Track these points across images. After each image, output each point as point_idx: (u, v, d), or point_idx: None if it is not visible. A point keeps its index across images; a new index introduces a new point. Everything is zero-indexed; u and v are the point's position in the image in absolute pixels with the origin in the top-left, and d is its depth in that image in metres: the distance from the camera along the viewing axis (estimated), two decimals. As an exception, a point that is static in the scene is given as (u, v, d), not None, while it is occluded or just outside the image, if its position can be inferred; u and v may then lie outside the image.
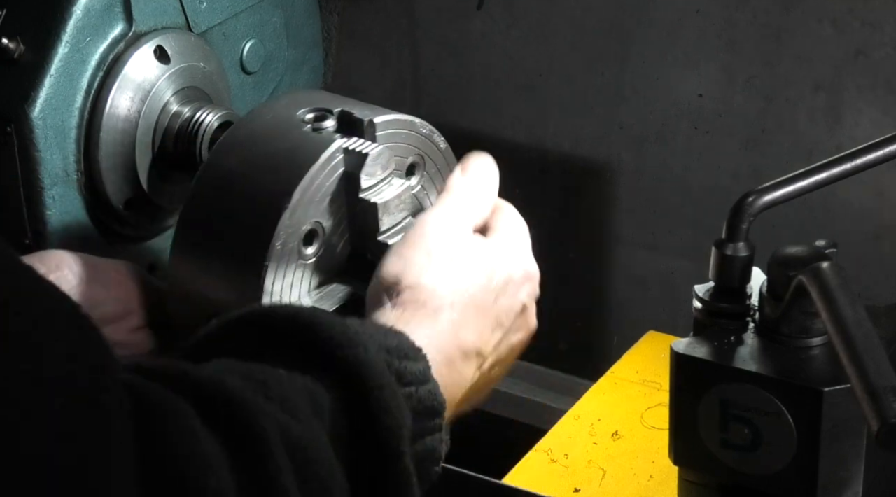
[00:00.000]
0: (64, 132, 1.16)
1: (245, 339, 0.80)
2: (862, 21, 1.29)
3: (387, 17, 1.13)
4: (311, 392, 0.76)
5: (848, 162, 0.94)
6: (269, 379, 0.75)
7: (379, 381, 0.78)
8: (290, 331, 0.79)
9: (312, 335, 0.79)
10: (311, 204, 0.99)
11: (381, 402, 0.78)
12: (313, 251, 1.01)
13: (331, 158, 0.99)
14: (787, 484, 0.91)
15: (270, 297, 0.99)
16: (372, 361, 0.78)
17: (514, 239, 1.01)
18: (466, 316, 0.91)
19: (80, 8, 1.16)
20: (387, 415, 0.78)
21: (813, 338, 0.91)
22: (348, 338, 0.78)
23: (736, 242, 0.93)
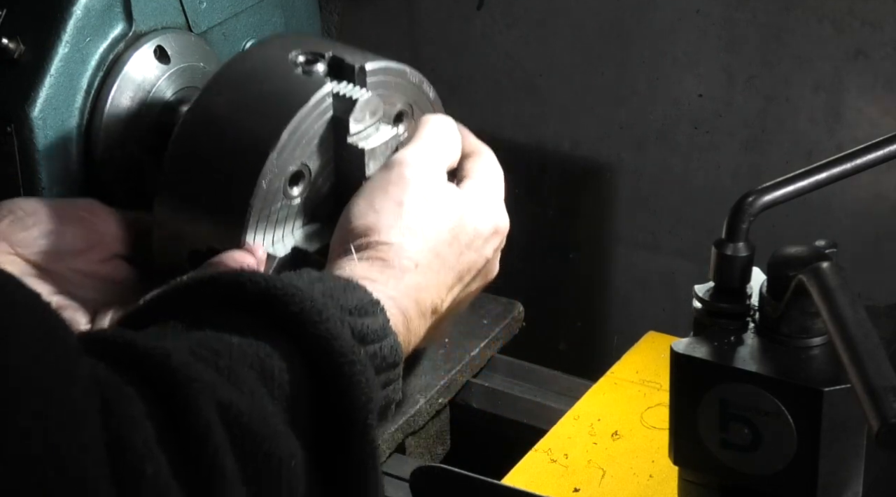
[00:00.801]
0: (64, 132, 1.16)
1: (208, 300, 0.80)
2: (862, 21, 1.29)
3: (387, 17, 1.13)
4: (263, 361, 0.76)
5: (848, 162, 0.94)
6: (222, 349, 0.75)
7: (349, 356, 0.79)
8: (258, 299, 0.79)
9: (281, 307, 0.79)
10: (298, 146, 1.00)
11: (351, 377, 0.78)
12: (299, 192, 1.02)
13: (320, 102, 1.00)
14: (787, 484, 0.91)
15: (254, 235, 1.00)
16: (340, 335, 0.79)
17: (486, 190, 1.01)
18: (429, 277, 0.93)
19: (80, 8, 1.16)
20: (356, 389, 0.78)
21: (813, 338, 0.91)
22: (317, 311, 0.79)
23: (736, 242, 0.93)
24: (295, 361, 0.77)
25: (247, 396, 0.74)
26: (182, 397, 0.70)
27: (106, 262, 1.08)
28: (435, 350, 1.34)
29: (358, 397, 0.78)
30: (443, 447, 1.34)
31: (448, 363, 1.32)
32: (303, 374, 0.77)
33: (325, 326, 0.78)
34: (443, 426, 1.33)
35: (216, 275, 0.82)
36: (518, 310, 1.40)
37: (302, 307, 0.79)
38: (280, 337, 0.78)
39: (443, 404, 1.31)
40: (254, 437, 0.72)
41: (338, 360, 0.78)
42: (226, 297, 0.80)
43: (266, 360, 0.76)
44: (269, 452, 0.73)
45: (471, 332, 1.36)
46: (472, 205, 0.98)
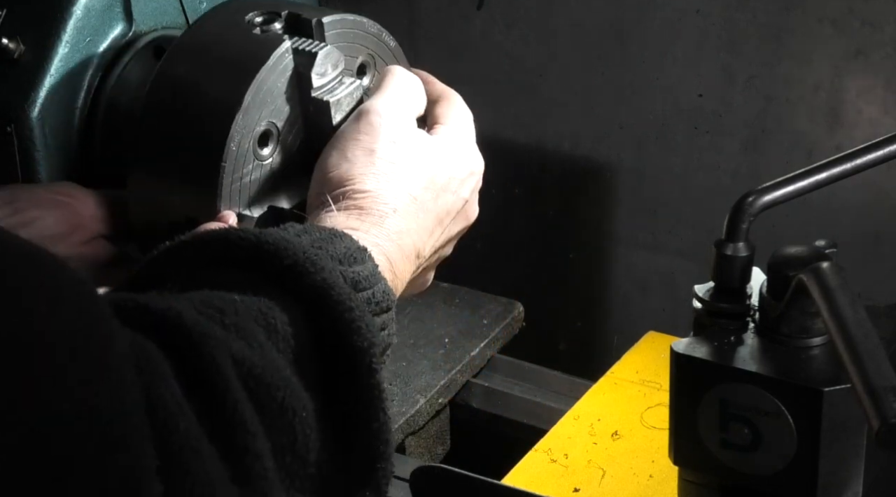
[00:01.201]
0: (64, 132, 1.16)
1: (197, 260, 0.81)
2: (862, 21, 1.29)
3: (387, 17, 1.13)
4: (265, 315, 0.77)
5: (848, 162, 0.94)
6: (225, 306, 0.76)
7: (347, 303, 0.79)
8: (249, 255, 0.80)
9: (274, 261, 0.79)
10: (263, 105, 1.01)
11: (351, 323, 0.79)
12: (269, 151, 1.03)
13: (280, 59, 1.01)
14: (787, 484, 0.91)
15: (229, 200, 1.00)
16: (335, 284, 0.79)
17: (457, 132, 1.02)
18: (408, 221, 0.94)
19: (80, 8, 1.16)
20: (357, 336, 0.79)
21: (813, 338, 0.91)
22: (311, 262, 0.79)
23: (736, 242, 0.93)
24: (295, 313, 0.78)
25: (257, 350, 0.75)
26: (199, 354, 0.71)
27: (88, 243, 1.09)
28: (435, 350, 1.34)
29: (360, 343, 0.79)
30: (443, 447, 1.34)
31: (448, 363, 1.32)
32: (303, 325, 0.78)
33: (320, 276, 0.79)
34: (443, 426, 1.33)
35: (203, 234, 0.82)
36: (518, 310, 1.40)
37: (295, 259, 0.79)
38: (276, 290, 0.79)
39: (443, 404, 1.31)
40: (268, 389, 0.73)
41: (337, 309, 0.79)
42: (216, 256, 0.81)
43: (268, 313, 0.77)
44: (283, 404, 0.74)
45: (471, 332, 1.36)
46: (444, 148, 0.99)
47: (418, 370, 1.31)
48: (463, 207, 1.00)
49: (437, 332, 1.37)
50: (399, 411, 1.25)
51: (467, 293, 1.42)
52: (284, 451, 0.74)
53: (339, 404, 0.78)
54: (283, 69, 1.01)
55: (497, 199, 1.54)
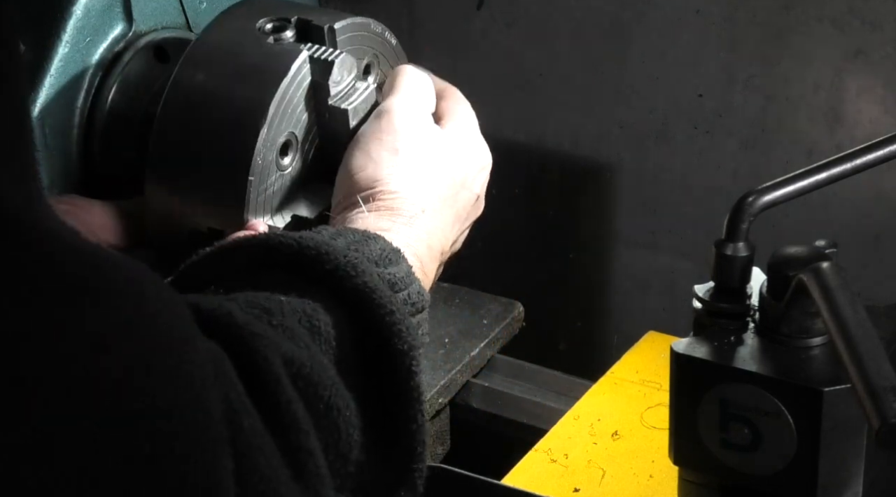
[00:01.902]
0: (64, 132, 1.16)
1: (238, 265, 0.82)
2: (862, 21, 1.29)
3: (387, 17, 1.13)
4: (309, 317, 0.78)
5: (848, 162, 0.94)
6: (272, 307, 0.77)
7: (388, 307, 0.80)
8: (290, 259, 0.81)
9: (316, 265, 0.80)
10: (284, 116, 1.01)
11: (392, 327, 0.80)
12: (289, 161, 1.03)
13: (299, 70, 1.01)
14: (787, 484, 0.91)
15: (255, 212, 1.01)
16: (377, 287, 0.80)
17: (466, 127, 1.04)
18: (435, 220, 0.96)
19: (80, 8, 1.16)
20: (398, 339, 0.80)
21: (813, 338, 0.91)
22: (352, 266, 0.80)
23: (736, 242, 0.93)
24: (337, 315, 0.79)
25: (304, 350, 0.75)
26: (251, 353, 0.71)
27: None
28: (435, 350, 1.34)
29: (401, 346, 0.80)
30: (443, 447, 1.33)
31: (448, 363, 1.32)
32: (346, 327, 0.79)
33: (361, 280, 0.80)
34: (443, 426, 1.33)
35: (243, 240, 0.83)
36: (518, 310, 1.40)
37: (336, 264, 0.80)
38: (319, 293, 0.79)
39: (443, 404, 1.30)
40: (316, 389, 0.74)
41: (378, 312, 0.80)
42: (257, 260, 0.81)
43: (312, 315, 0.78)
44: (329, 403, 0.75)
45: (471, 332, 1.36)
46: (458, 143, 1.00)
47: (418, 370, 1.31)
48: (476, 202, 1.02)
49: (437, 332, 1.37)
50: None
51: (467, 293, 1.42)
52: (329, 450, 0.74)
53: (378, 405, 0.79)
54: (301, 79, 1.02)
55: (497, 199, 1.54)
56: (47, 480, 0.53)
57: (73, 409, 0.55)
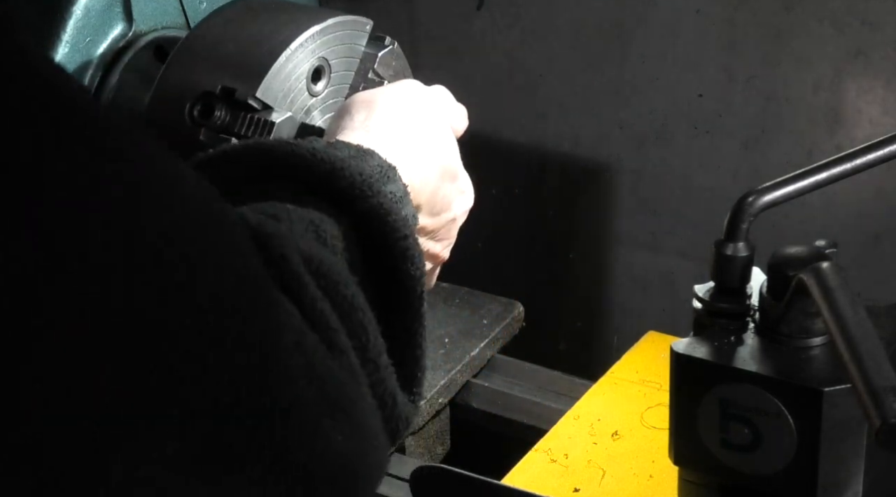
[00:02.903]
0: (64, 132, 1.16)
1: (244, 169, 0.80)
2: (862, 21, 1.29)
3: (387, 17, 1.13)
4: (316, 226, 0.76)
5: (848, 162, 0.94)
6: (279, 212, 0.75)
7: (403, 231, 0.79)
8: (301, 170, 0.79)
9: (331, 181, 0.79)
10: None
11: (406, 251, 0.79)
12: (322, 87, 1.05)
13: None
14: (787, 484, 0.91)
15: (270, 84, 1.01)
16: (392, 209, 0.79)
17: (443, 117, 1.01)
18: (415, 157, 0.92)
19: (80, 8, 1.16)
20: (412, 264, 0.79)
21: (813, 338, 0.91)
22: (368, 185, 0.79)
23: (736, 242, 0.93)
24: (346, 229, 0.78)
25: (319, 248, 0.74)
26: (269, 250, 0.70)
27: None
28: (435, 350, 1.34)
29: (414, 271, 0.79)
30: (443, 447, 1.34)
31: (448, 363, 1.32)
32: (354, 243, 0.78)
33: (377, 200, 0.79)
34: (443, 426, 1.33)
35: (251, 144, 0.81)
36: (518, 310, 1.40)
37: (352, 181, 0.79)
38: (327, 206, 0.78)
39: (443, 404, 1.31)
40: (336, 286, 0.72)
41: (393, 236, 0.78)
42: (263, 167, 0.80)
43: (319, 225, 0.76)
44: (353, 302, 0.73)
45: (471, 332, 1.36)
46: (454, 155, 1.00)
47: (418, 370, 1.31)
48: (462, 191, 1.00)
49: (437, 332, 1.37)
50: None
51: (467, 293, 1.42)
52: (359, 352, 0.73)
53: (387, 325, 0.77)
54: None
55: (497, 199, 1.54)
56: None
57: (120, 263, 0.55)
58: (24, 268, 0.51)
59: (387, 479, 1.21)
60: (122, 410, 0.54)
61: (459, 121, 1.03)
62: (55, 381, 0.52)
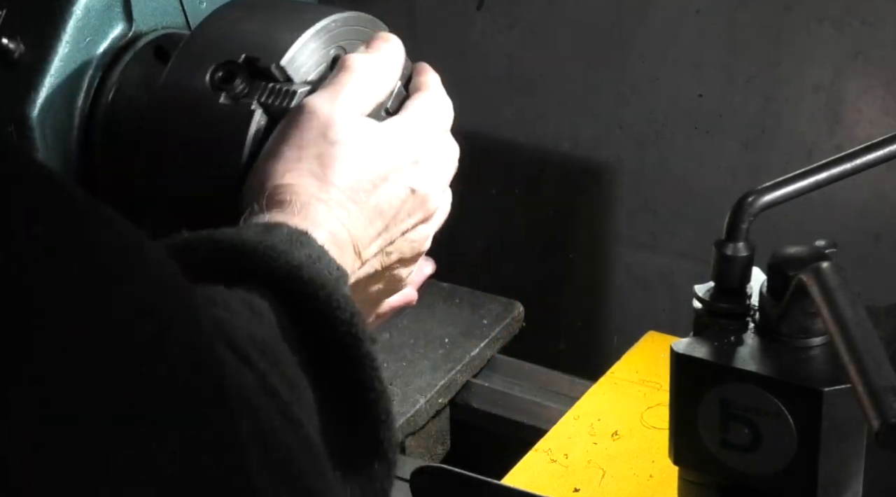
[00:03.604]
0: (64, 132, 1.16)
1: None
2: (862, 21, 1.29)
3: (387, 18, 1.12)
4: (248, 302, 0.76)
5: (848, 162, 0.94)
6: (214, 295, 0.75)
7: (319, 280, 0.78)
8: (209, 257, 0.79)
9: (238, 259, 0.79)
10: None
11: (329, 299, 0.78)
12: None
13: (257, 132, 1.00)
14: (787, 484, 0.91)
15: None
16: (303, 264, 0.79)
17: (409, 122, 0.97)
18: (339, 211, 0.90)
19: (80, 8, 1.16)
20: (339, 310, 0.78)
21: (813, 338, 0.91)
22: (271, 247, 0.79)
23: (736, 242, 0.93)
24: (271, 299, 0.77)
25: (258, 329, 0.74)
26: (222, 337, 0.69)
27: None
28: (435, 350, 1.34)
29: (342, 316, 0.78)
30: (443, 447, 1.34)
31: (448, 363, 1.32)
32: (282, 309, 0.77)
33: (283, 260, 0.79)
34: (443, 426, 1.33)
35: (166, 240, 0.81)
36: (518, 310, 1.40)
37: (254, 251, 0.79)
38: (246, 283, 0.78)
39: (443, 404, 1.31)
40: (279, 366, 0.72)
41: (312, 285, 0.78)
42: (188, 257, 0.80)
43: (250, 300, 0.76)
44: (291, 379, 0.73)
45: (471, 332, 1.36)
46: (386, 138, 0.95)
47: (418, 370, 1.31)
48: (412, 198, 0.95)
49: (437, 332, 1.37)
50: (399, 411, 1.25)
51: (467, 293, 1.42)
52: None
53: (331, 380, 0.77)
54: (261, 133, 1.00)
55: (497, 199, 1.54)
56: None
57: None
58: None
59: (387, 479, 1.21)
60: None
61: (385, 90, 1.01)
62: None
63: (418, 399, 1.27)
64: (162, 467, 0.55)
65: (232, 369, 0.65)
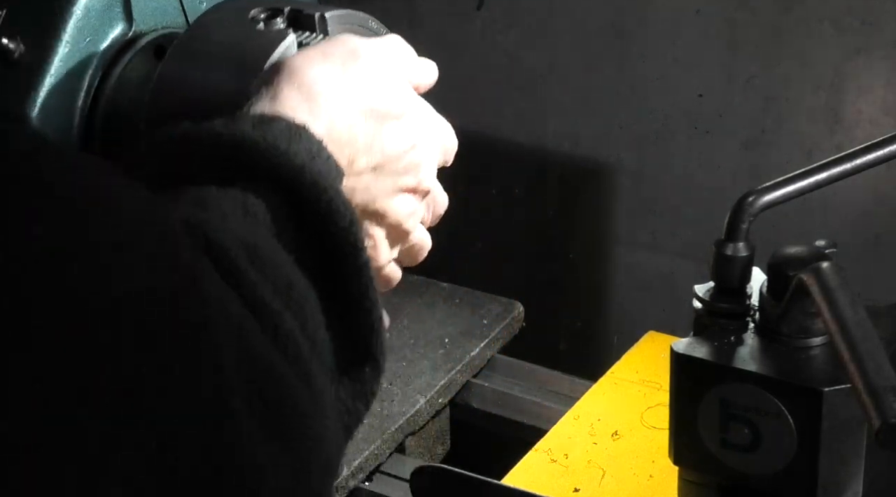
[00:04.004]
0: (64, 132, 1.16)
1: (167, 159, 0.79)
2: (862, 21, 1.29)
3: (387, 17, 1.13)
4: (243, 203, 0.75)
5: (848, 162, 0.94)
6: (206, 196, 0.74)
7: (322, 184, 0.77)
8: (217, 150, 0.78)
9: (239, 155, 0.77)
10: None
11: (329, 203, 0.77)
12: None
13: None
14: (787, 484, 0.91)
15: None
16: (304, 164, 0.77)
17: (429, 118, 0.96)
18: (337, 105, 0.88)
19: (80, 8, 1.16)
20: (338, 216, 0.77)
21: (813, 338, 0.91)
22: (274, 147, 0.77)
23: (736, 242, 0.93)
24: (270, 200, 0.76)
25: (251, 232, 0.73)
26: (203, 240, 0.68)
27: None
28: (435, 350, 1.34)
29: (342, 223, 0.77)
30: (443, 447, 1.34)
31: (448, 363, 1.32)
32: (280, 211, 0.76)
33: (285, 158, 0.77)
34: (443, 426, 1.33)
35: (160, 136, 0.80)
36: (518, 310, 1.40)
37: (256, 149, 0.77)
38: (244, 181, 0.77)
39: (443, 404, 1.31)
40: (275, 270, 0.71)
41: (312, 191, 0.77)
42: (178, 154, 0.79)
43: (245, 201, 0.75)
44: (290, 283, 0.72)
45: (471, 332, 1.36)
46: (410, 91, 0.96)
47: (418, 370, 1.31)
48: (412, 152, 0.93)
49: (437, 332, 1.37)
50: (399, 411, 1.25)
51: (467, 293, 1.42)
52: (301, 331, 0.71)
53: (329, 285, 0.76)
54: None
55: (497, 199, 1.55)
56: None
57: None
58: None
59: (387, 479, 1.21)
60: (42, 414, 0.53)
61: (421, 73, 1.00)
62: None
63: (418, 399, 1.27)
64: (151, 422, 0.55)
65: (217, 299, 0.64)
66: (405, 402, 1.27)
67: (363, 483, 1.19)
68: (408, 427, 1.26)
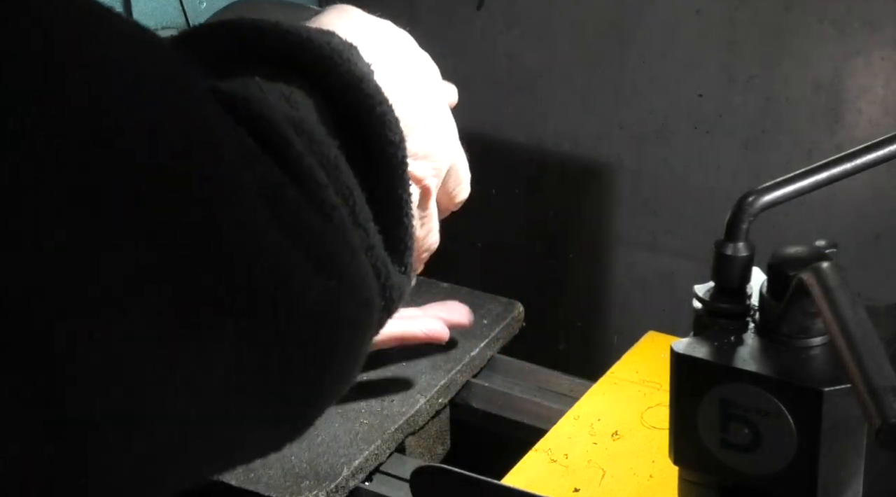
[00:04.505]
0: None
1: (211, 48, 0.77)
2: (862, 21, 1.29)
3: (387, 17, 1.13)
4: (287, 97, 0.73)
5: (848, 162, 0.94)
6: (249, 84, 0.72)
7: (378, 97, 0.76)
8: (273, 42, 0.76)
9: (299, 52, 0.76)
10: None
11: (383, 117, 0.75)
12: None
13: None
14: (787, 484, 0.91)
15: None
16: (365, 76, 0.76)
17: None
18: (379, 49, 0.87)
19: (80, 8, 1.16)
20: (390, 131, 0.75)
21: (813, 338, 0.91)
22: (338, 53, 0.76)
23: (736, 242, 0.93)
24: (318, 102, 0.74)
25: (296, 112, 0.71)
26: (247, 112, 0.67)
27: None
28: (435, 350, 1.34)
29: (393, 137, 0.75)
30: (443, 447, 1.33)
31: (448, 363, 1.32)
32: (328, 114, 0.74)
33: (347, 67, 0.75)
34: (443, 426, 1.33)
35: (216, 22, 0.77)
36: (518, 310, 1.40)
37: (321, 51, 0.75)
38: (295, 80, 0.75)
39: (443, 404, 1.30)
40: (321, 146, 0.70)
41: (368, 102, 0.75)
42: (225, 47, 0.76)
43: (290, 96, 0.73)
44: (336, 162, 0.70)
45: (471, 332, 1.36)
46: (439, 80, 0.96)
47: (418, 370, 1.31)
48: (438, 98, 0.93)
49: (437, 332, 1.37)
50: (399, 411, 1.25)
51: (467, 293, 1.42)
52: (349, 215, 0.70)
53: (371, 195, 0.74)
54: None
55: (497, 199, 1.55)
56: None
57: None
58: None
59: (387, 479, 1.21)
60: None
61: (447, 92, 1.00)
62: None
63: (418, 399, 1.27)
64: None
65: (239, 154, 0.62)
66: (405, 402, 1.27)
67: (363, 483, 1.19)
68: (408, 427, 1.25)
